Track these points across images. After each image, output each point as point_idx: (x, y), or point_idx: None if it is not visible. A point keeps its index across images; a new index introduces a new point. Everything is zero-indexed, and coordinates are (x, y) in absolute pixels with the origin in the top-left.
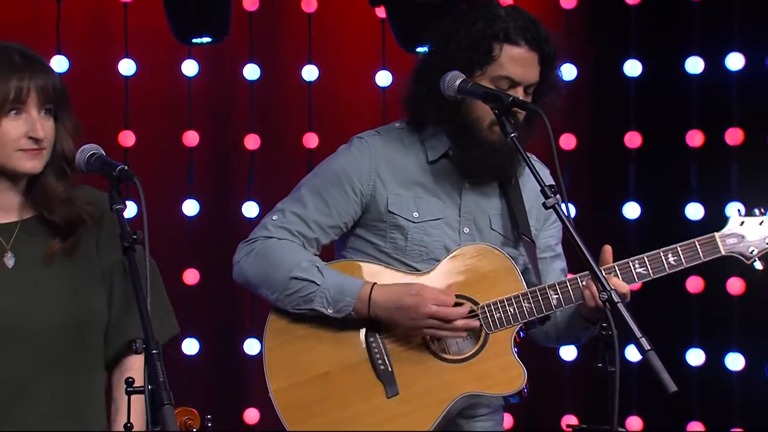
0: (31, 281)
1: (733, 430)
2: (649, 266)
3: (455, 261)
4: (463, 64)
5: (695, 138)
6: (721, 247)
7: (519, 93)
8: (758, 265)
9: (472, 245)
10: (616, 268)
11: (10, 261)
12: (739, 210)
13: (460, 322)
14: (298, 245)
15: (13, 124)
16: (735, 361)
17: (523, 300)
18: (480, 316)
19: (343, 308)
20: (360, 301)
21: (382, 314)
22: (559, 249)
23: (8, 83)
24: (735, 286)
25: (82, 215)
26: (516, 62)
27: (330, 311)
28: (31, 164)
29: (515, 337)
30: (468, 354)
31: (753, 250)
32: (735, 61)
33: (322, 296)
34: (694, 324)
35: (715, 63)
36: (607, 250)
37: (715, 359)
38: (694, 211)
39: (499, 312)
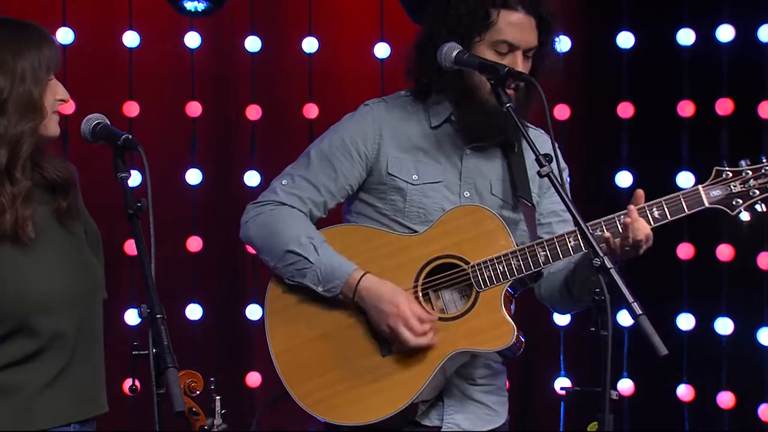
0: (56, 248)
1: (721, 392)
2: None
3: (447, 222)
4: (463, 31)
5: (686, 108)
6: (705, 199)
7: (518, 57)
8: (744, 216)
9: (463, 206)
10: (602, 223)
11: (32, 232)
12: (723, 162)
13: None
14: (304, 215)
15: (53, 87)
16: (724, 326)
17: (512, 258)
18: (470, 275)
19: (332, 289)
20: (347, 286)
21: (362, 304)
22: (566, 215)
23: (51, 50)
24: (724, 252)
25: (72, 173)
26: (514, 27)
27: (320, 289)
28: (58, 128)
29: (506, 294)
30: (459, 312)
31: (738, 201)
32: (725, 33)
33: (313, 274)
34: (684, 289)
35: (705, 35)
36: (639, 194)
37: (704, 324)
38: (685, 179)
39: (489, 270)
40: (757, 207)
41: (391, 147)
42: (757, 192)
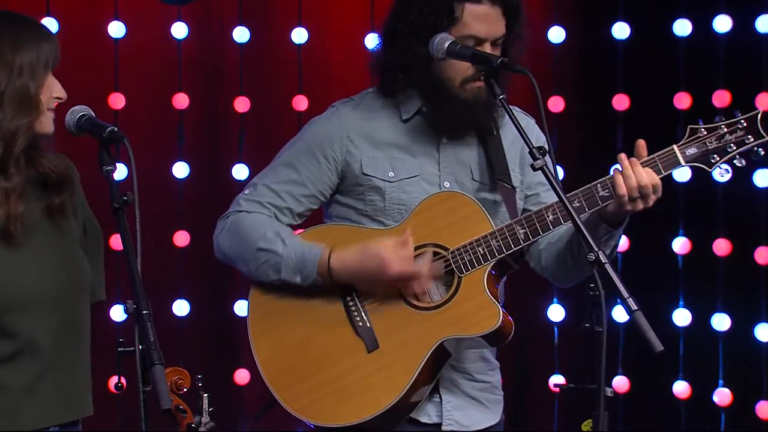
0: (44, 245)
1: (718, 389)
2: (611, 188)
3: (424, 211)
4: (427, 28)
5: (683, 100)
6: (680, 158)
7: (486, 49)
8: (721, 172)
9: (437, 194)
10: (580, 194)
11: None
12: (699, 120)
13: (425, 272)
14: (268, 216)
15: (50, 85)
16: (720, 322)
17: (491, 239)
18: (451, 261)
19: (308, 276)
20: (321, 267)
21: (348, 280)
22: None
23: (51, 46)
24: (721, 247)
25: (69, 170)
26: (479, 20)
27: (298, 280)
28: (52, 125)
29: (489, 276)
30: (443, 300)
31: (715, 158)
32: (722, 24)
33: (287, 266)
34: (680, 285)
35: (702, 26)
36: (641, 144)
37: (701, 320)
38: (682, 171)
39: (469, 254)
40: (737, 162)
41: (362, 147)
42: (734, 146)
